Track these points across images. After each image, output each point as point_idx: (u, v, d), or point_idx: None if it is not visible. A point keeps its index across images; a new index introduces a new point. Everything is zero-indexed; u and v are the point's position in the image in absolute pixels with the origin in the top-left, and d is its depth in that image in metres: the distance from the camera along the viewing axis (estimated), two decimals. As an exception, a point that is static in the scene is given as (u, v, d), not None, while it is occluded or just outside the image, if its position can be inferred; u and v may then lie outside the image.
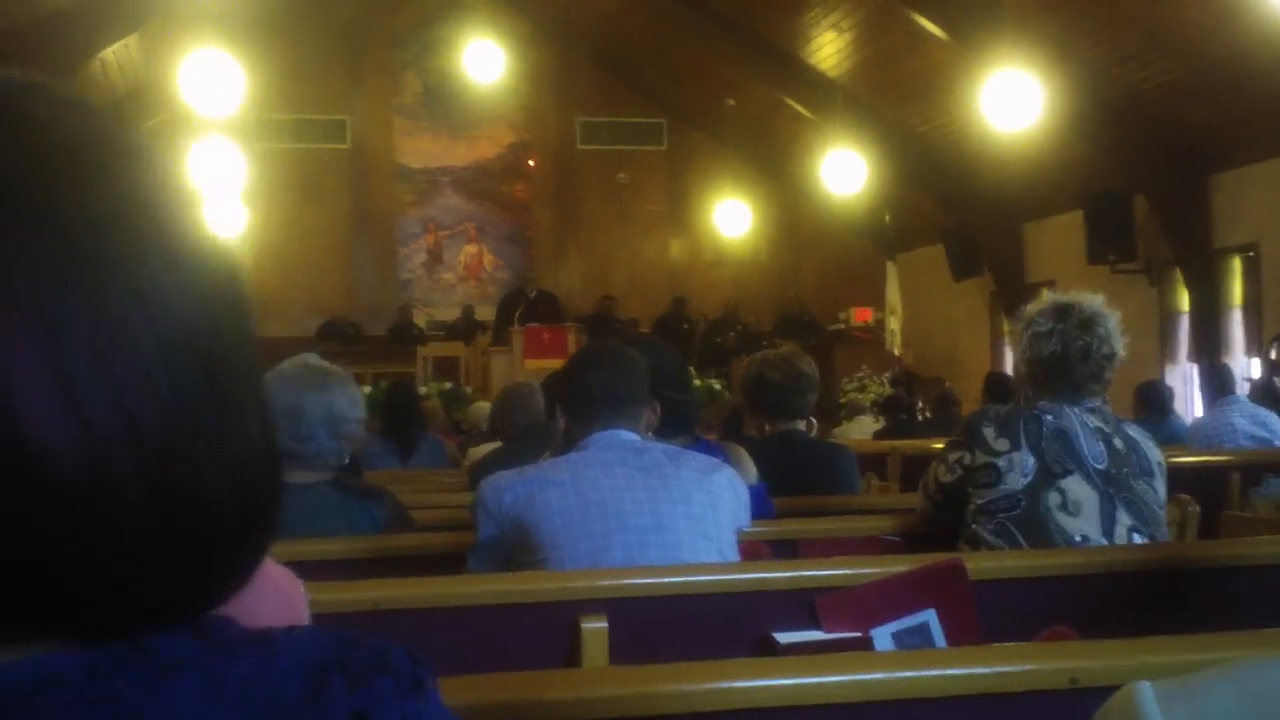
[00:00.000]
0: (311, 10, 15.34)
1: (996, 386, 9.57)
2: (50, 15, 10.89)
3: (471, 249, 18.14)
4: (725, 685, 1.89)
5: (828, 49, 14.04)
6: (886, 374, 13.33)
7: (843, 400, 12.70)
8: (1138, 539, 3.21)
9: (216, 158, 13.53)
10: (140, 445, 0.61)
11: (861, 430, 10.53)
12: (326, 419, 3.35)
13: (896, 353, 15.35)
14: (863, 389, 12.99)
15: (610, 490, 2.86)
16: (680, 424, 3.68)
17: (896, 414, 10.32)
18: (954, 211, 14.71)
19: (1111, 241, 12.05)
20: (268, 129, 16.67)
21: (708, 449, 3.72)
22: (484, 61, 14.79)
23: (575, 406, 3.06)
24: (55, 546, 0.60)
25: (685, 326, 16.30)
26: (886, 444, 7.80)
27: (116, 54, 12.51)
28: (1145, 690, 0.83)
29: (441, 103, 17.91)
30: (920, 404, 11.43)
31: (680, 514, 2.88)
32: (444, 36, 17.06)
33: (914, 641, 2.65)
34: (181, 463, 0.63)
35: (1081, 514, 3.20)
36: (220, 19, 12.48)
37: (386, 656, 0.68)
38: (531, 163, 18.19)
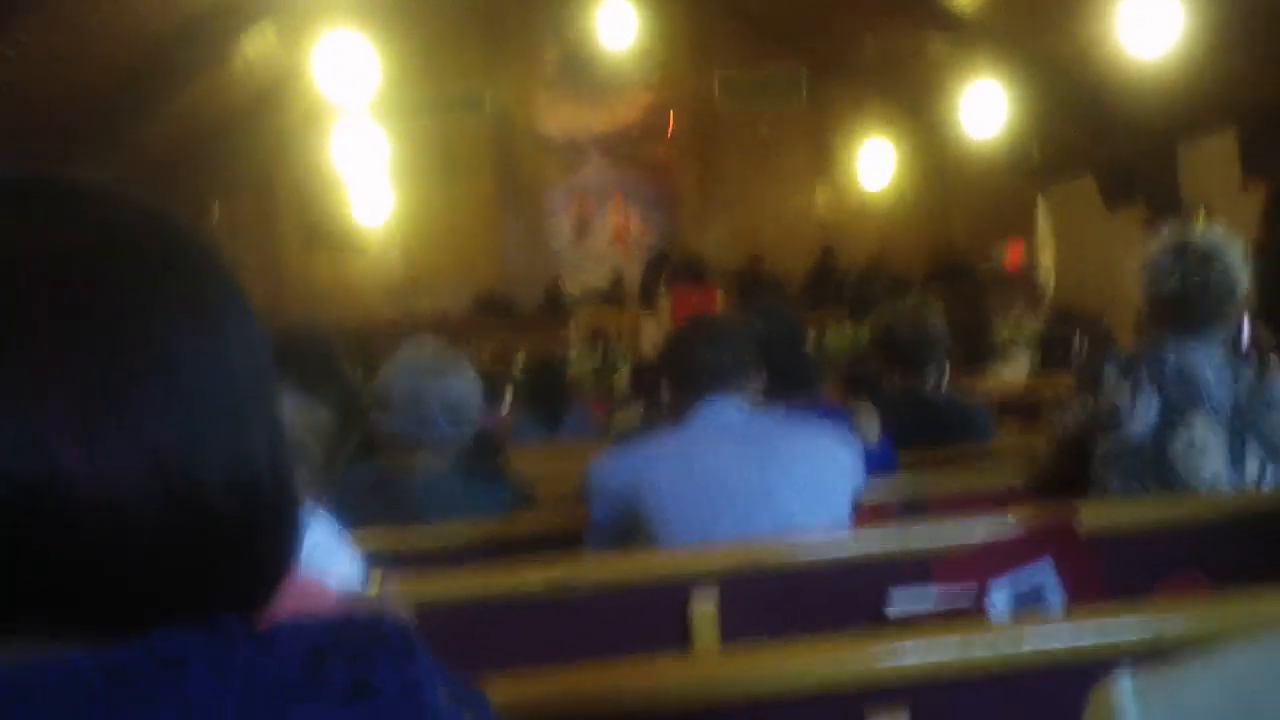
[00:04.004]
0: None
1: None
2: (187, 19, 11.15)
3: (618, 214, 18.17)
4: (827, 666, 1.88)
5: (964, -19, 13.73)
6: (1041, 311, 13.05)
7: (997, 341, 12.46)
8: (1270, 475, 3.11)
9: (360, 141, 13.76)
10: (152, 480, 0.72)
11: (1016, 371, 10.31)
12: (444, 404, 3.39)
13: (1050, 289, 14.96)
14: (1018, 328, 12.72)
15: (716, 463, 2.86)
16: (798, 387, 3.66)
17: (1051, 352, 10.08)
18: (1102, 139, 14.27)
19: (1266, 156, 11.58)
20: (410, 108, 16.81)
21: (827, 410, 3.69)
22: (618, 24, 14.80)
23: (679, 381, 3.06)
24: (74, 561, 0.71)
25: (835, 278, 16.13)
26: (1034, 385, 7.64)
27: (255, 48, 12.75)
28: (1124, 684, 0.81)
29: (580, 70, 17.91)
30: (1077, 340, 11.14)
31: (788, 481, 2.86)
32: (578, 2, 17.07)
33: (1031, 600, 2.60)
34: (190, 488, 0.74)
35: (1209, 453, 3.11)
36: (354, 2, 12.65)
37: (378, 629, 0.76)
38: (670, 125, 18.12)
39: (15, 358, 0.70)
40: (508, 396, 8.53)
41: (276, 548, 0.80)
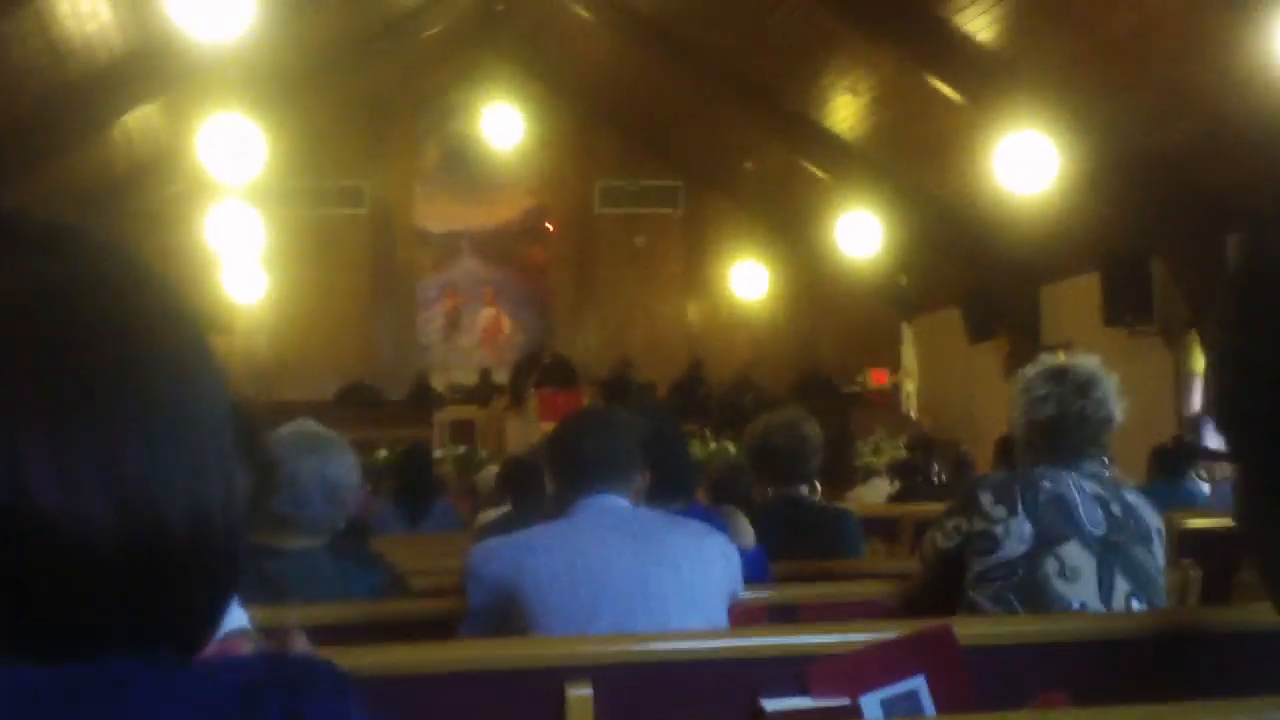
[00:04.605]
0: (332, 78, 15.42)
1: (1008, 449, 9.51)
2: (72, 82, 11.00)
3: (489, 312, 18.19)
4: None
5: (844, 112, 14.06)
6: (902, 437, 13.29)
7: (857, 463, 12.66)
8: (1136, 605, 3.18)
9: (236, 223, 13.63)
10: (117, 513, 0.74)
11: (875, 493, 10.48)
12: (322, 485, 3.35)
13: (912, 415, 15.29)
14: (877, 452, 12.95)
15: (599, 557, 2.85)
16: (676, 488, 3.67)
17: (910, 477, 10.26)
18: (970, 274, 14.68)
19: (1128, 303, 11.97)
20: (288, 195, 16.77)
21: (704, 514, 3.71)
22: (503, 126, 14.92)
23: (565, 472, 3.05)
24: (34, 584, 0.73)
25: (702, 390, 16.27)
26: (897, 508, 7.76)
27: (137, 121, 12.61)
28: None
29: (460, 167, 18.04)
30: (936, 467, 11.36)
31: (669, 581, 2.86)
32: (463, 102, 17.22)
33: (903, 709, 2.63)
34: (151, 524, 0.76)
35: (1079, 580, 3.17)
36: (241, 88, 12.61)
37: (313, 669, 0.80)
38: (550, 226, 18.28)
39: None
40: (368, 487, 8.43)
41: (219, 590, 0.83)
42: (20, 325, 0.75)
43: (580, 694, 2.55)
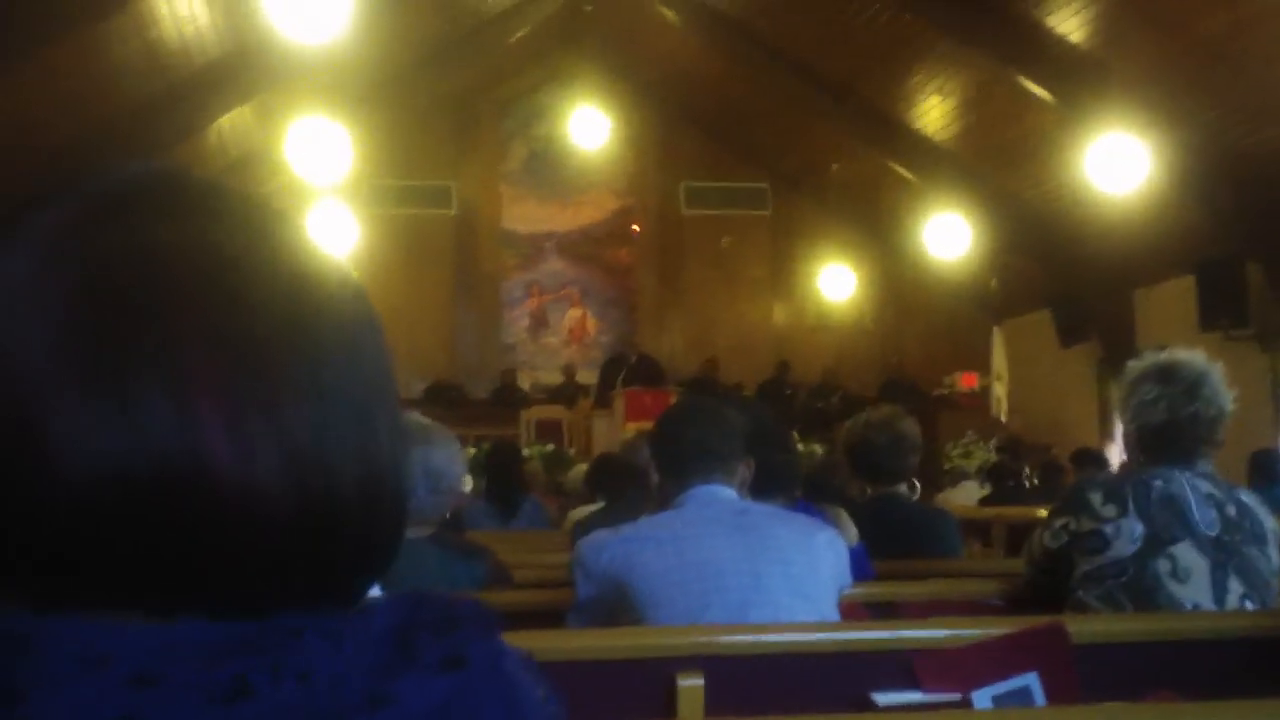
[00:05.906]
0: (420, 80, 15.58)
1: (1086, 462, 9.40)
2: (169, 85, 11.19)
3: (575, 313, 18.26)
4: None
5: (932, 113, 13.97)
6: (992, 440, 13.17)
7: (947, 466, 12.56)
8: (1250, 607, 3.13)
9: (328, 222, 13.82)
10: (290, 475, 0.76)
11: (966, 496, 10.40)
12: (425, 474, 3.38)
13: (1002, 419, 15.14)
14: (967, 455, 12.84)
15: (710, 549, 2.85)
16: (780, 484, 3.67)
17: (1002, 481, 10.17)
18: (1061, 277, 14.52)
19: (1223, 308, 11.78)
20: (376, 194, 16.97)
21: (807, 510, 3.70)
22: (589, 128, 15.02)
23: (670, 461, 3.05)
24: (207, 541, 0.74)
25: (788, 392, 16.22)
26: (991, 510, 7.69)
27: (231, 122, 12.82)
28: None
29: (547, 169, 18.15)
30: (1026, 471, 11.26)
31: (779, 574, 2.86)
32: (550, 104, 17.36)
33: (1014, 704, 2.61)
34: (322, 478, 0.77)
35: (1191, 581, 3.13)
36: (332, 89, 12.80)
37: (459, 608, 0.80)
38: (636, 228, 18.31)
39: (174, 339, 0.74)
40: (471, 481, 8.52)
41: (386, 551, 0.84)
42: (188, 287, 0.76)
43: (691, 684, 2.56)
